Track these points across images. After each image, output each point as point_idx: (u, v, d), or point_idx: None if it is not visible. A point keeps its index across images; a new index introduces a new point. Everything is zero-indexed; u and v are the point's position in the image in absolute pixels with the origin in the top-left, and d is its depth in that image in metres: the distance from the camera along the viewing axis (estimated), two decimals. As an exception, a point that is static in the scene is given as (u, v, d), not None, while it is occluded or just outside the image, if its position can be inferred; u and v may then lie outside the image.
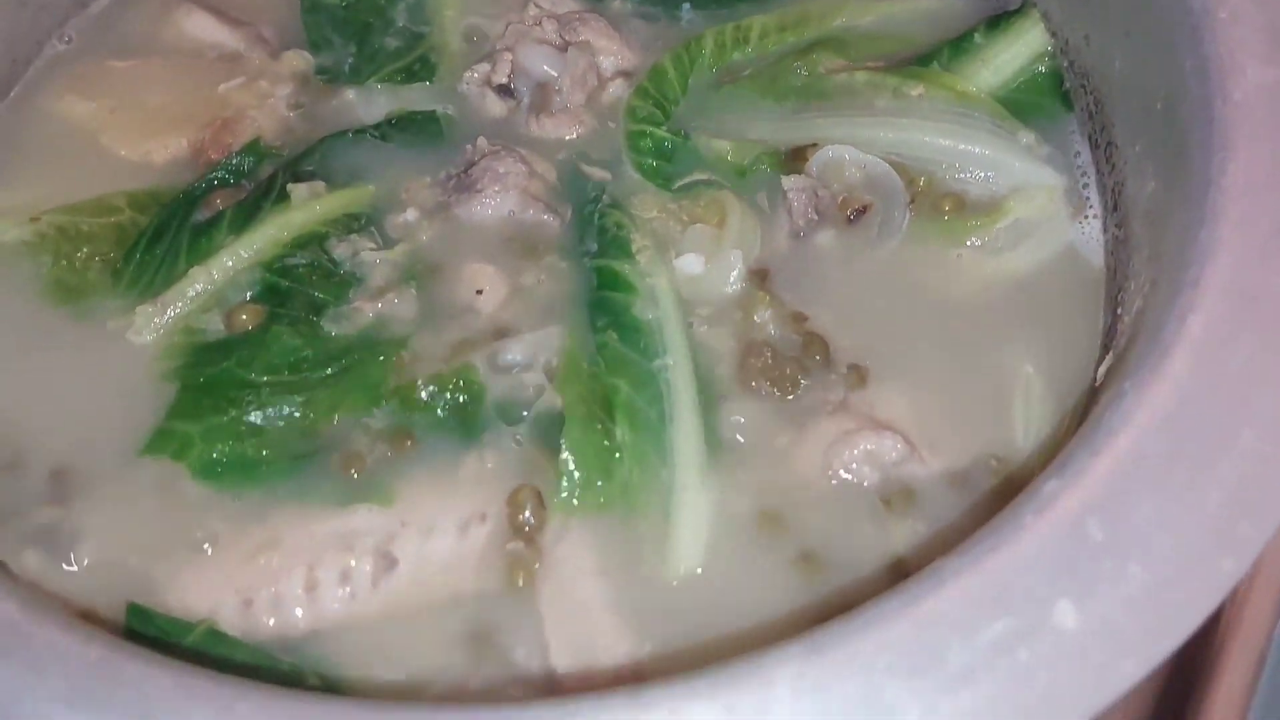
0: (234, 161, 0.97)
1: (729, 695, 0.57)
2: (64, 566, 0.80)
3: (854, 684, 0.57)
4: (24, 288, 0.93)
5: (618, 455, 0.82)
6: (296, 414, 0.84)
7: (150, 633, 0.77)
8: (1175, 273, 0.70)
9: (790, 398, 0.86)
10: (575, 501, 0.81)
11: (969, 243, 0.92)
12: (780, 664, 0.58)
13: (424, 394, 0.85)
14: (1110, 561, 0.60)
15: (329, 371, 0.87)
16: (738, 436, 0.85)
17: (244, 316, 0.88)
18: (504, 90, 1.00)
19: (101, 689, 0.59)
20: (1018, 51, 0.98)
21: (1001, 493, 0.81)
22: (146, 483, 0.83)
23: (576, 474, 0.82)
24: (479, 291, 0.90)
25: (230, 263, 0.90)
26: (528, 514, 0.81)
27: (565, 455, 0.82)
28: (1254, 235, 0.69)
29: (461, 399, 0.85)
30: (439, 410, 0.85)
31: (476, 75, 1.01)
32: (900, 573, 0.78)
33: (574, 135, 0.99)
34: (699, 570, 0.80)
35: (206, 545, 0.81)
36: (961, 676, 0.57)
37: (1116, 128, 0.91)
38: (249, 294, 0.90)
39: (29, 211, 0.94)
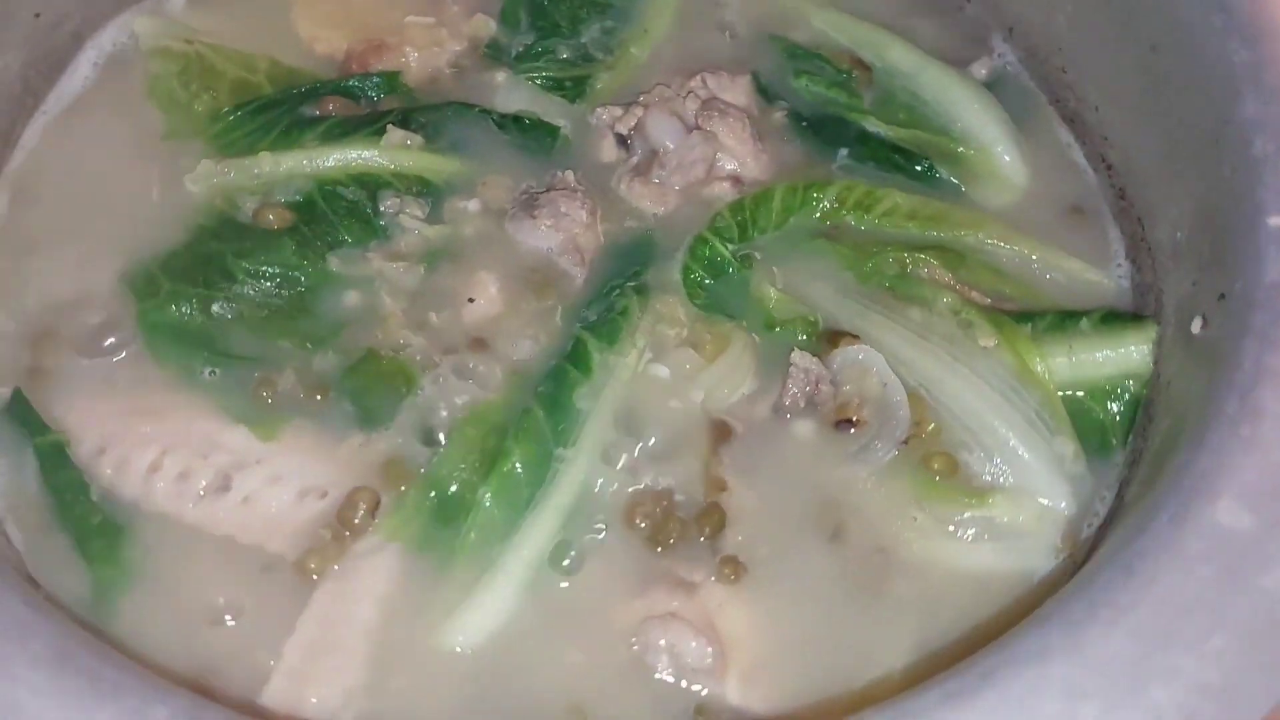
0: (367, 80, 1.00)
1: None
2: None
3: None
4: (143, 85, 1.00)
5: (468, 512, 0.81)
6: (246, 315, 0.88)
7: (18, 418, 0.84)
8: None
9: (656, 551, 0.81)
10: (400, 528, 0.81)
11: (936, 512, 0.82)
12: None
13: (362, 364, 0.87)
14: None
15: (303, 299, 0.90)
16: (584, 554, 0.81)
17: (271, 216, 0.92)
18: (621, 140, 0.98)
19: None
20: (1112, 358, 0.85)
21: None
22: (116, 311, 0.89)
23: (419, 506, 0.81)
24: (470, 300, 0.90)
25: (298, 164, 0.93)
26: (359, 514, 0.81)
27: (419, 485, 0.82)
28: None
29: (385, 386, 0.86)
30: (362, 382, 0.86)
31: (606, 115, 0.99)
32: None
33: (656, 212, 0.95)
34: (463, 650, 0.78)
35: (112, 385, 0.87)
36: None
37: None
38: (289, 197, 0.93)
39: (193, 34, 1.02)
